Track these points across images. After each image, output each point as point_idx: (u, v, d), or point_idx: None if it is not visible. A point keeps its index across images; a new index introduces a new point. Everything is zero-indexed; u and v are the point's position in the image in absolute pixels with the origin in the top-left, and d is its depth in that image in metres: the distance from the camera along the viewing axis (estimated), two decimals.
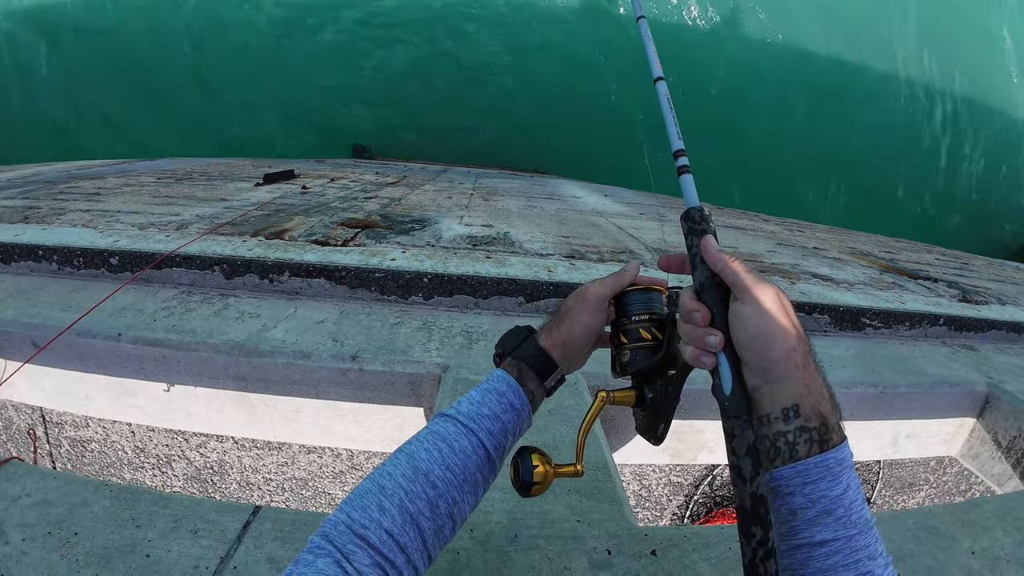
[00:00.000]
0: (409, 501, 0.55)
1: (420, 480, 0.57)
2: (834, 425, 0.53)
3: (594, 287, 0.71)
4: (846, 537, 0.50)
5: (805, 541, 0.51)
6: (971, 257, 6.19)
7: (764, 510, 0.51)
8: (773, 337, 0.53)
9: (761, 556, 0.49)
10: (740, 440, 0.54)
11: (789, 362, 0.53)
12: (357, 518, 0.52)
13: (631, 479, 2.31)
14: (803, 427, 0.52)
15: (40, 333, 1.72)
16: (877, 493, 2.61)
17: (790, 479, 0.52)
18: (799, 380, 0.53)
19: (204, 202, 3.39)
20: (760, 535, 0.50)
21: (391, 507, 0.54)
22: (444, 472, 0.58)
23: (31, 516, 1.00)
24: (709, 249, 0.60)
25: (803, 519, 0.51)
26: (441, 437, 0.61)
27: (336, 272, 2.13)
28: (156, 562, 0.91)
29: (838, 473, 0.51)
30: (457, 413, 0.64)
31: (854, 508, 0.51)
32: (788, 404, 0.52)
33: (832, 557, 0.49)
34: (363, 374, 1.67)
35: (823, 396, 0.53)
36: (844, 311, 2.36)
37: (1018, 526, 1.23)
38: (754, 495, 0.51)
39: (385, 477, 0.57)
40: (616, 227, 3.87)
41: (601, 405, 0.67)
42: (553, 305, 2.18)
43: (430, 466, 0.58)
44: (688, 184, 0.65)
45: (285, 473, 2.23)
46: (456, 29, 11.83)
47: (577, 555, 0.99)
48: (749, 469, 0.52)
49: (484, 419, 0.63)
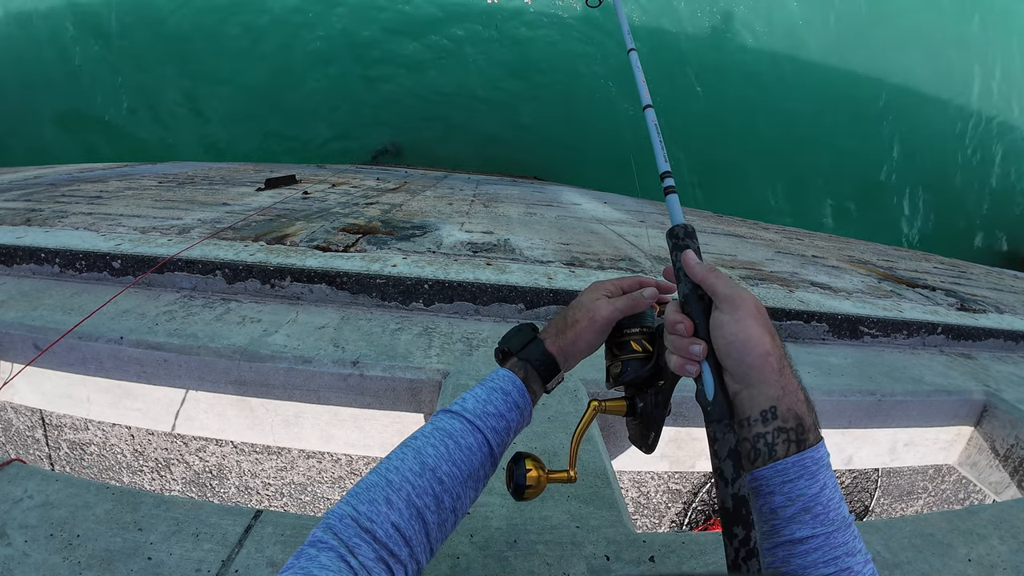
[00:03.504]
0: (416, 496, 0.55)
1: (427, 475, 0.57)
2: (810, 425, 0.55)
3: (605, 308, 0.70)
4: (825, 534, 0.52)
5: (786, 539, 0.53)
6: (969, 265, 6.21)
7: (746, 511, 0.53)
8: (750, 343, 0.56)
9: (743, 556, 0.51)
10: (722, 443, 0.56)
11: (765, 366, 0.55)
12: (364, 511, 0.53)
13: (630, 486, 2.31)
14: (781, 428, 0.54)
15: (42, 336, 1.73)
16: (875, 501, 2.61)
17: (770, 479, 0.54)
18: (775, 383, 0.55)
19: (206, 206, 3.41)
20: (742, 535, 0.52)
21: (398, 501, 0.54)
22: (451, 468, 0.59)
23: (33, 518, 1.00)
24: (690, 263, 0.64)
25: (783, 517, 0.53)
26: (447, 434, 0.61)
27: (337, 278, 2.14)
28: (158, 565, 0.92)
29: (815, 472, 0.54)
30: (463, 410, 0.64)
31: (831, 506, 0.53)
32: (766, 407, 0.55)
33: (812, 554, 0.52)
34: (364, 379, 1.68)
35: (799, 398, 0.56)
36: (842, 319, 2.37)
37: (1015, 534, 1.24)
38: (735, 496, 0.53)
39: (392, 471, 0.57)
40: (616, 234, 3.89)
41: (593, 414, 0.70)
42: (553, 312, 2.19)
43: (437, 462, 0.58)
44: (674, 203, 0.69)
45: (284, 478, 2.23)
46: (459, 36, 11.91)
47: (576, 561, 0.99)
48: (731, 471, 0.54)
49: (490, 417, 0.64)
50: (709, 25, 12.51)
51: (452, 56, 11.78)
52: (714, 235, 4.78)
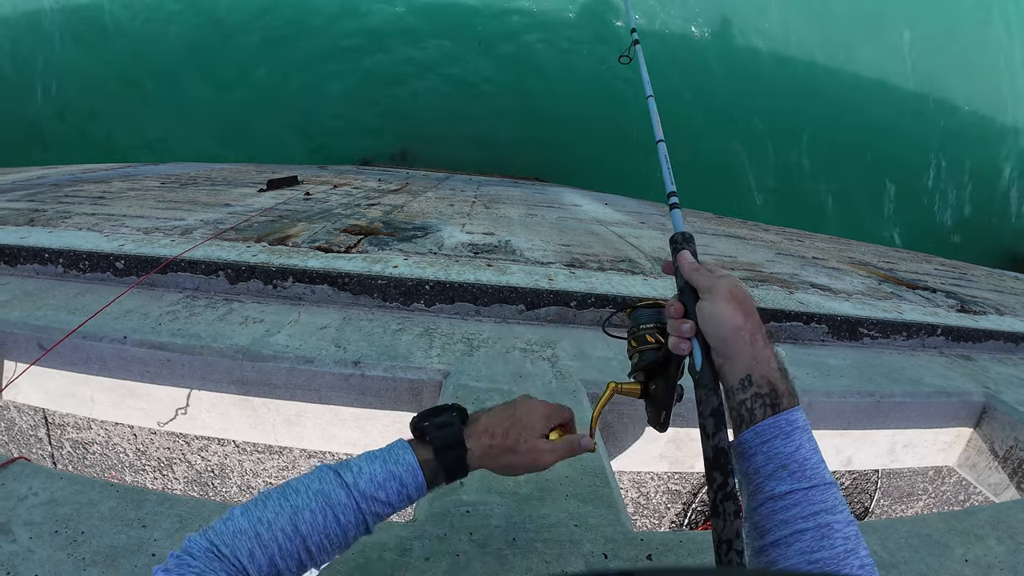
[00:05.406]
0: (280, 558, 0.57)
1: (297, 541, 0.58)
2: (783, 392, 0.63)
3: (548, 459, 0.72)
4: (803, 490, 0.57)
5: (767, 495, 0.59)
6: (970, 267, 6.21)
7: (724, 460, 0.61)
8: (723, 319, 0.65)
9: (721, 498, 0.59)
10: (706, 404, 0.66)
11: (738, 339, 0.64)
12: (226, 553, 0.55)
13: (629, 487, 2.32)
14: (757, 393, 0.63)
15: (46, 335, 1.74)
16: (875, 503, 2.61)
17: (751, 441, 0.62)
18: (748, 354, 0.64)
19: (208, 207, 3.42)
20: (720, 480, 0.60)
21: (261, 557, 0.56)
22: (322, 540, 0.59)
23: (38, 515, 1.02)
24: (682, 263, 0.75)
25: (764, 475, 0.60)
26: (330, 504, 0.61)
27: (339, 278, 2.15)
28: (161, 562, 0.93)
29: (789, 432, 0.61)
30: (354, 485, 0.62)
31: (807, 465, 0.59)
32: (743, 375, 0.64)
33: (791, 509, 0.57)
34: (365, 380, 1.69)
35: (771, 367, 0.64)
36: (842, 321, 2.38)
37: (1012, 535, 1.24)
38: (715, 448, 0.62)
39: (263, 525, 0.57)
40: (616, 236, 3.90)
41: (611, 394, 0.78)
42: (554, 313, 2.20)
43: (310, 531, 0.59)
44: (676, 216, 0.84)
45: (285, 477, 2.24)
46: (460, 38, 11.93)
47: (574, 559, 1.00)
48: (712, 427, 0.64)
49: (377, 503, 0.63)
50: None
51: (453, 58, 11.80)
52: (715, 236, 4.79)
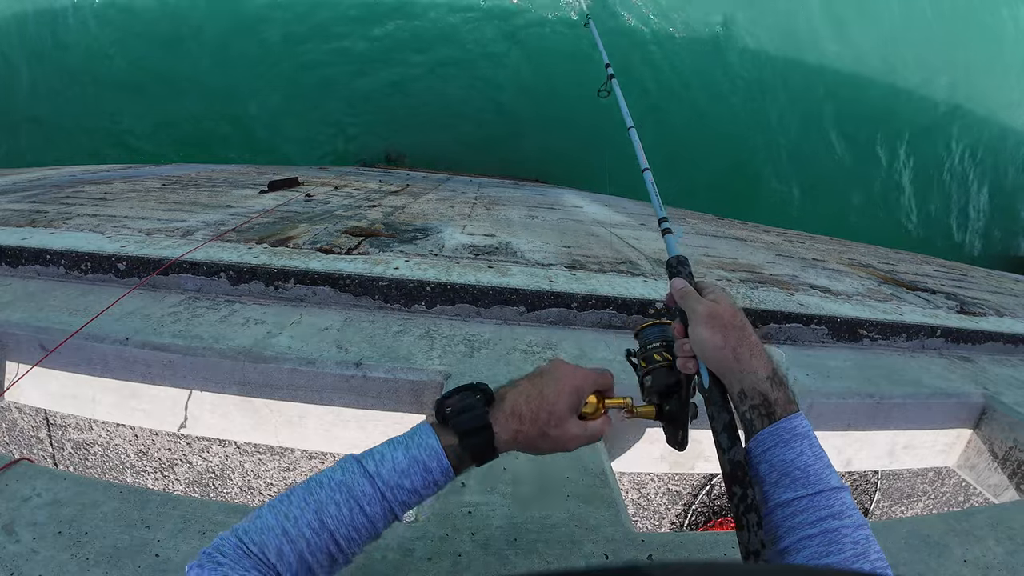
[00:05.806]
0: (309, 553, 0.56)
1: (325, 535, 0.57)
2: (776, 400, 0.65)
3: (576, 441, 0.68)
4: (807, 496, 0.58)
5: (774, 503, 0.60)
6: (970, 268, 6.22)
7: (741, 473, 0.62)
8: (704, 343, 0.69)
9: (743, 510, 0.59)
10: (718, 420, 0.68)
11: (723, 359, 0.68)
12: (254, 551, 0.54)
13: (630, 488, 2.33)
14: (752, 405, 0.66)
15: (48, 336, 1.75)
16: (875, 504, 2.62)
17: (754, 451, 0.64)
18: (735, 371, 0.67)
19: (209, 208, 3.43)
20: (740, 493, 0.60)
21: (290, 554, 0.55)
22: (350, 532, 0.58)
23: (41, 516, 1.02)
24: (674, 288, 0.80)
25: (769, 483, 0.62)
26: (355, 497, 0.60)
27: (340, 280, 2.16)
28: (165, 562, 0.94)
29: (788, 440, 0.62)
30: (377, 475, 0.61)
31: (810, 471, 0.59)
32: (736, 390, 0.67)
33: (798, 516, 0.57)
34: (367, 381, 1.70)
35: (759, 378, 0.66)
36: (841, 322, 2.38)
37: (1011, 535, 1.25)
38: (732, 461, 0.63)
39: (290, 521, 0.57)
40: (617, 237, 3.91)
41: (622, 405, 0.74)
42: (555, 315, 2.20)
43: (337, 524, 0.58)
44: (670, 241, 0.89)
45: (287, 479, 2.25)
46: (462, 40, 11.95)
47: (575, 559, 1.01)
48: (726, 442, 0.66)
49: (402, 491, 0.61)
50: None
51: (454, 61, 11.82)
52: (715, 238, 4.79)
